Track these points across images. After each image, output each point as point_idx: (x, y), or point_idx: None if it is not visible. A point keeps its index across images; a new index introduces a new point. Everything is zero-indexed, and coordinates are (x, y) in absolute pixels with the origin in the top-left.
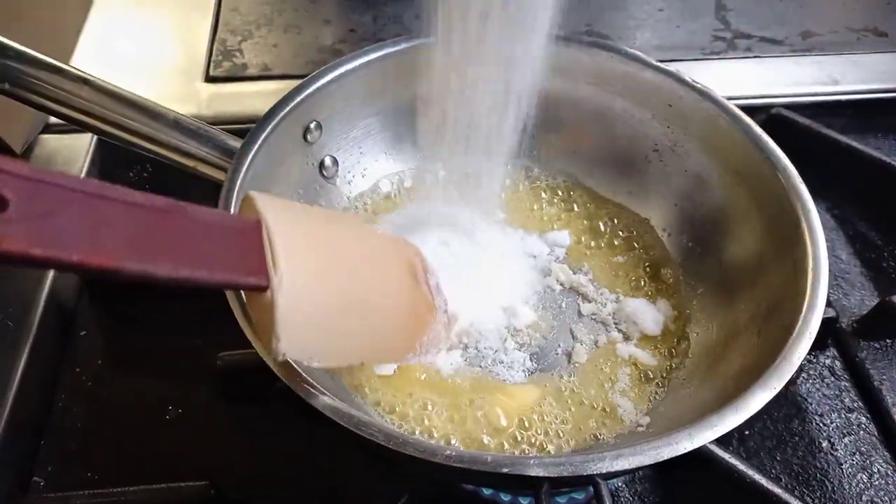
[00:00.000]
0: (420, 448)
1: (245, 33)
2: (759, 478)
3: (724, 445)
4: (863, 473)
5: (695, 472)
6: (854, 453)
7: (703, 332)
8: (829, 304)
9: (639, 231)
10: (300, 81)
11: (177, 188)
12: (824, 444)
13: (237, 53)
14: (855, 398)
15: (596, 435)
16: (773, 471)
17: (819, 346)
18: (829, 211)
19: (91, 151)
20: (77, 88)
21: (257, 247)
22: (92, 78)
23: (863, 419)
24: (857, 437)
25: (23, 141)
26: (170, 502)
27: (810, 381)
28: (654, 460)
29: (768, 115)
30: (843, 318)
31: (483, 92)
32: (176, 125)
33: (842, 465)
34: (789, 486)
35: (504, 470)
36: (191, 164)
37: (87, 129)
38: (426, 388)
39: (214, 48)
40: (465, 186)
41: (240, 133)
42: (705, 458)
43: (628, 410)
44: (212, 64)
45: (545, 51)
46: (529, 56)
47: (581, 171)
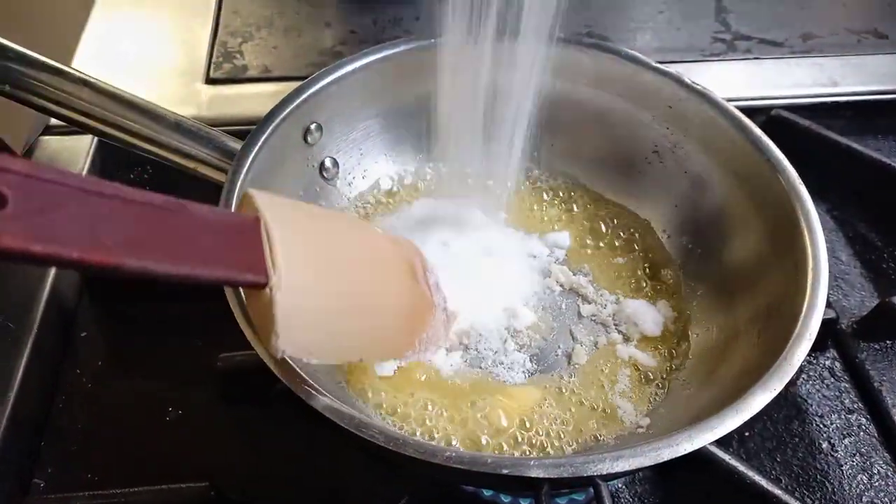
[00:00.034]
0: (420, 449)
1: (245, 35)
2: (759, 479)
3: (724, 446)
4: (863, 474)
5: (695, 473)
6: (854, 454)
7: (703, 333)
8: (829, 306)
9: (639, 232)
10: (300, 83)
11: (177, 190)
12: (824, 445)
13: (237, 55)
14: (855, 399)
15: (596, 436)
16: (774, 472)
17: (819, 348)
18: (828, 212)
19: (91, 153)
20: (77, 90)
21: (256, 244)
22: (92, 79)
23: (863, 420)
24: (857, 439)
25: (23, 142)
26: (170, 503)
27: (810, 383)
28: (654, 461)
29: (768, 117)
30: (843, 319)
31: (487, 92)
32: (176, 127)
33: (842, 466)
34: (789, 487)
35: (504, 471)
36: (191, 165)
37: (87, 131)
38: (427, 389)
39: (215, 50)
40: (468, 186)
41: (240, 135)
42: (705, 460)
43: (628, 412)
44: (212, 66)
45: (547, 51)
46: (532, 57)
47: (581, 173)
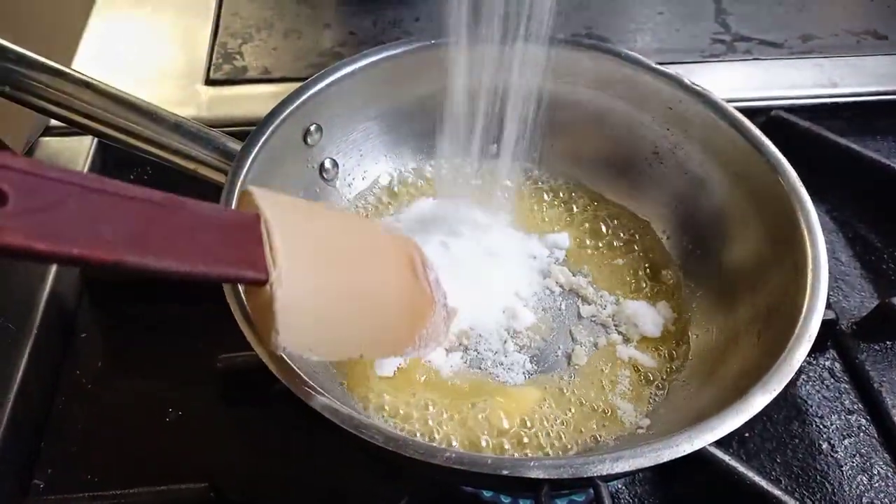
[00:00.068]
0: (420, 450)
1: (245, 36)
2: (759, 480)
3: (724, 447)
4: (863, 475)
5: (695, 473)
6: (854, 455)
7: (703, 334)
8: (829, 306)
9: (639, 233)
10: (300, 84)
11: (177, 191)
12: (824, 445)
13: (237, 56)
14: (855, 400)
15: (596, 437)
16: (774, 472)
17: (819, 348)
18: (828, 213)
19: (91, 154)
20: (78, 91)
21: (256, 241)
22: (93, 81)
23: (863, 421)
24: (857, 439)
25: (24, 143)
26: None
27: (810, 384)
28: (654, 462)
29: (768, 118)
30: (843, 320)
31: (488, 93)
32: (176, 128)
33: (842, 466)
34: (789, 487)
35: (504, 472)
36: (191, 166)
37: (87, 132)
38: (427, 390)
39: (215, 51)
40: (468, 187)
41: (240, 136)
42: (705, 460)
43: (628, 412)
44: (212, 67)
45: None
46: (532, 57)
47: (581, 173)
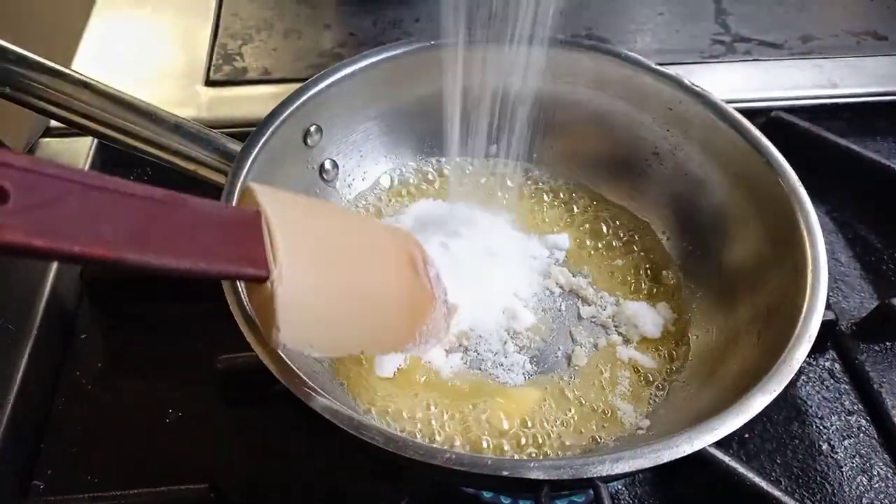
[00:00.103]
0: (420, 451)
1: (245, 37)
2: (759, 480)
3: (724, 448)
4: (863, 476)
5: (695, 474)
6: (854, 456)
7: (702, 335)
8: (829, 307)
9: (639, 234)
10: (300, 85)
11: (177, 191)
12: (824, 446)
13: (237, 57)
14: (855, 401)
15: (596, 438)
16: (773, 473)
17: (819, 349)
18: (828, 214)
19: (91, 155)
20: (78, 92)
21: (257, 238)
22: (92, 81)
23: (862, 422)
24: (856, 440)
25: (23, 144)
26: None
27: (810, 384)
28: (654, 463)
29: (768, 119)
30: (843, 320)
31: (488, 93)
32: (176, 129)
33: (842, 467)
34: (789, 488)
35: (504, 473)
36: (191, 167)
37: (87, 133)
38: (427, 390)
39: (215, 52)
40: (468, 187)
41: (240, 136)
42: (705, 461)
43: (628, 413)
44: (212, 68)
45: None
46: (532, 58)
47: (581, 174)
